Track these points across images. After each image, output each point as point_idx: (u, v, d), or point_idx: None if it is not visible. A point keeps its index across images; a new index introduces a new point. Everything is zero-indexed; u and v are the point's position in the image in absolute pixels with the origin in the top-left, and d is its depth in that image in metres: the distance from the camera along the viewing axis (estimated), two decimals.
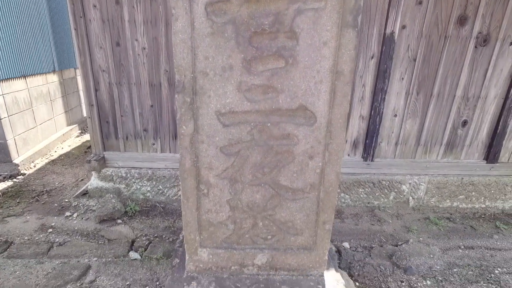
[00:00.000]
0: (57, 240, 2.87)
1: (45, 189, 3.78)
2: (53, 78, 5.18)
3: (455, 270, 2.75)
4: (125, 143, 3.45)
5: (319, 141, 1.14)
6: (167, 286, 1.25)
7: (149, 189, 3.51)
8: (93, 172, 3.49)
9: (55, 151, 5.01)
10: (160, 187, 3.51)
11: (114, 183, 3.50)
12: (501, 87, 3.27)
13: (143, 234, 3.07)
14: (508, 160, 3.59)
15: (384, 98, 3.25)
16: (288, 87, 1.08)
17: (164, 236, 3.07)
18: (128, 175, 3.48)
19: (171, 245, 2.92)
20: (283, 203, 1.23)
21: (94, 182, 3.52)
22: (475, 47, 3.12)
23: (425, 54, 3.12)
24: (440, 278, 2.63)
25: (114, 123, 3.38)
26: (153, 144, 3.44)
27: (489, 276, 2.69)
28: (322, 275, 1.35)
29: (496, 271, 2.74)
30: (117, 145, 3.46)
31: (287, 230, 1.27)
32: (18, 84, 4.27)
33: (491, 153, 3.53)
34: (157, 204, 3.51)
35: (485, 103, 3.36)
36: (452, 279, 2.64)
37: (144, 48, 3.11)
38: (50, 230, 3.02)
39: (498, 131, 3.40)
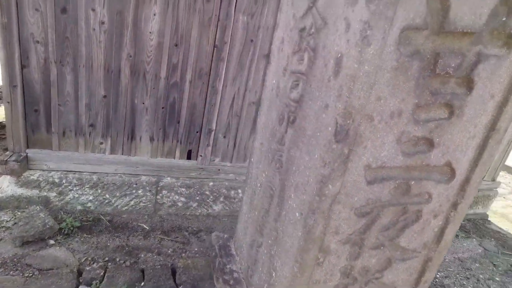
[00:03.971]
0: None
1: None
2: None
3: None
4: (61, 140, 2.68)
5: (448, 199, 1.02)
6: None
7: (91, 198, 2.83)
8: (7, 176, 2.60)
9: None
10: (107, 196, 2.86)
11: (40, 191, 2.69)
12: None
13: (91, 259, 2.45)
14: None
15: None
16: (444, 142, 0.92)
17: (118, 260, 2.51)
18: (64, 181, 2.72)
19: (133, 272, 2.41)
20: (393, 264, 1.07)
21: (8, 188, 2.63)
22: None
23: None
24: None
25: (47, 112, 2.58)
26: (101, 143, 2.77)
27: None
28: None
29: None
30: (49, 142, 2.66)
31: None
32: None
33: None
34: (102, 217, 2.86)
35: None
36: None
37: (103, 23, 2.43)
38: None
39: None
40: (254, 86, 2.93)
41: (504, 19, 0.79)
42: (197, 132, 2.97)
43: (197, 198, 3.09)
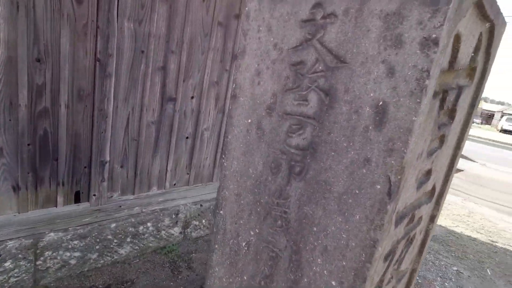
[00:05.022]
0: None
1: None
2: None
3: None
4: None
5: (428, 214, 1.09)
6: None
7: None
8: None
9: None
10: None
11: None
12: None
13: None
14: None
15: None
16: (436, 168, 0.95)
17: None
18: None
19: None
20: (395, 286, 1.08)
21: None
22: None
23: None
24: None
25: None
26: None
27: None
28: None
29: None
30: None
31: None
32: None
33: None
34: None
35: None
36: None
37: None
38: None
39: None
40: (151, 103, 2.54)
41: (472, 54, 0.88)
42: (85, 167, 2.36)
43: (97, 247, 2.49)
